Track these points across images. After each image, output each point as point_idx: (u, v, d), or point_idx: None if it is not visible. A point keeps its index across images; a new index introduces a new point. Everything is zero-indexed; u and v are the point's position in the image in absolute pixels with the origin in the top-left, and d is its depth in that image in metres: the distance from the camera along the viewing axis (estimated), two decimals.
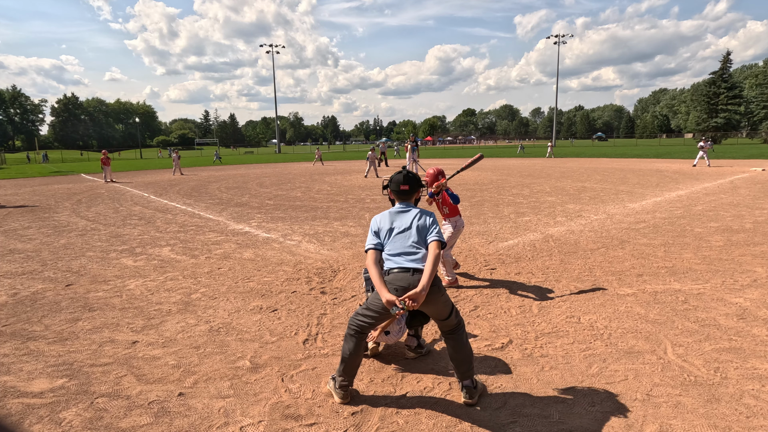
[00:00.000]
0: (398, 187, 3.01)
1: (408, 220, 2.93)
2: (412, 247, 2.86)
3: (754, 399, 2.82)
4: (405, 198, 3.03)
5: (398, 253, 2.85)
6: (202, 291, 5.14)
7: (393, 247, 2.88)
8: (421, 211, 2.99)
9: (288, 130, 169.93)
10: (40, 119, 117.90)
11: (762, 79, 78.63)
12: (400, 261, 2.82)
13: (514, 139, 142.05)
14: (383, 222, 2.97)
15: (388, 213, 3.01)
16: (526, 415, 2.72)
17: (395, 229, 2.92)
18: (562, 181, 16.74)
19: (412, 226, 2.91)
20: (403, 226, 2.92)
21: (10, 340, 3.90)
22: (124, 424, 2.70)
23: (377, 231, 2.96)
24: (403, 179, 3.00)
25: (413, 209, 3.00)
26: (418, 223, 2.92)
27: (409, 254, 2.84)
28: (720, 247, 6.62)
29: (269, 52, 66.89)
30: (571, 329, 3.93)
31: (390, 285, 2.76)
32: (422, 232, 2.90)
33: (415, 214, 2.95)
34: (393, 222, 2.95)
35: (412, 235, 2.89)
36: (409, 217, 2.95)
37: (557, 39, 66.26)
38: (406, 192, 3.01)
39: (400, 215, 2.97)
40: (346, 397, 2.90)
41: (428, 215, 2.98)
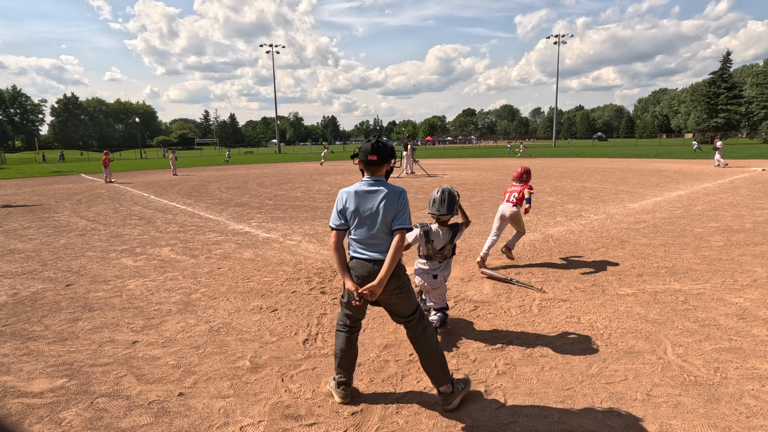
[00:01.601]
0: (366, 157, 2.71)
1: (375, 203, 2.68)
2: (376, 237, 2.69)
3: (754, 399, 2.82)
4: (374, 170, 2.74)
5: (361, 240, 2.71)
6: (202, 291, 5.14)
7: (357, 233, 2.72)
8: (391, 190, 2.70)
9: (288, 130, 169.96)
10: (40, 119, 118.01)
11: (762, 79, 78.61)
12: (362, 249, 2.70)
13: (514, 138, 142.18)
14: (349, 202, 2.72)
15: (355, 192, 2.72)
16: (526, 415, 2.72)
17: (361, 212, 2.69)
18: (562, 181, 16.74)
19: (379, 210, 2.67)
20: (369, 210, 2.68)
21: (10, 340, 3.90)
22: (124, 424, 2.70)
23: (342, 210, 2.74)
24: (371, 148, 2.70)
25: (382, 188, 2.70)
26: (386, 207, 2.67)
27: (372, 243, 2.69)
28: (720, 247, 6.62)
29: (269, 52, 66.89)
30: (571, 329, 3.93)
31: (352, 272, 2.70)
32: (387, 217, 2.67)
33: (383, 195, 2.68)
34: (359, 203, 2.70)
35: (378, 221, 2.67)
36: (376, 198, 2.68)
37: (557, 39, 66.25)
38: (374, 162, 2.71)
39: (367, 196, 2.70)
40: (346, 396, 2.88)
41: (398, 196, 2.71)
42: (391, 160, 2.79)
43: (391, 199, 2.69)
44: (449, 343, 3.71)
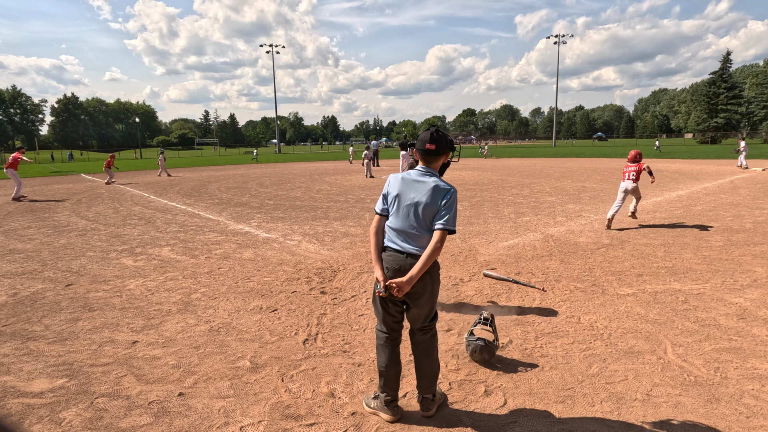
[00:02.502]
0: (423, 146, 2.55)
1: (420, 193, 2.52)
2: (414, 229, 2.53)
3: (754, 399, 2.82)
4: (429, 160, 2.57)
5: (398, 230, 2.56)
6: (202, 291, 5.14)
7: (395, 222, 2.57)
8: (438, 184, 2.53)
9: (288, 130, 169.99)
10: (40, 119, 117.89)
11: (762, 79, 78.64)
12: (398, 240, 2.55)
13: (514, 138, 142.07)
14: (393, 186, 2.60)
15: (402, 178, 2.59)
16: (526, 415, 2.72)
17: (402, 200, 2.55)
18: (562, 181, 16.74)
19: (422, 202, 2.50)
20: (412, 199, 2.53)
21: (10, 340, 3.90)
22: (124, 424, 2.70)
23: (386, 194, 2.63)
24: (429, 137, 2.54)
25: (431, 180, 2.54)
26: (429, 201, 2.50)
27: (409, 236, 2.53)
28: (720, 247, 6.62)
29: (269, 52, 66.90)
30: (571, 329, 3.93)
31: (384, 263, 2.55)
32: (429, 212, 2.51)
33: (430, 188, 2.51)
34: (403, 190, 2.56)
35: (419, 213, 2.51)
36: (422, 189, 2.52)
37: (557, 39, 66.27)
38: (432, 152, 2.54)
39: (414, 184, 2.55)
40: (396, 413, 2.69)
41: (446, 192, 2.53)
42: (448, 153, 2.63)
43: (437, 193, 2.51)
44: (449, 343, 3.71)
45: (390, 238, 2.58)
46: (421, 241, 2.52)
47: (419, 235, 2.52)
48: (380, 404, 2.72)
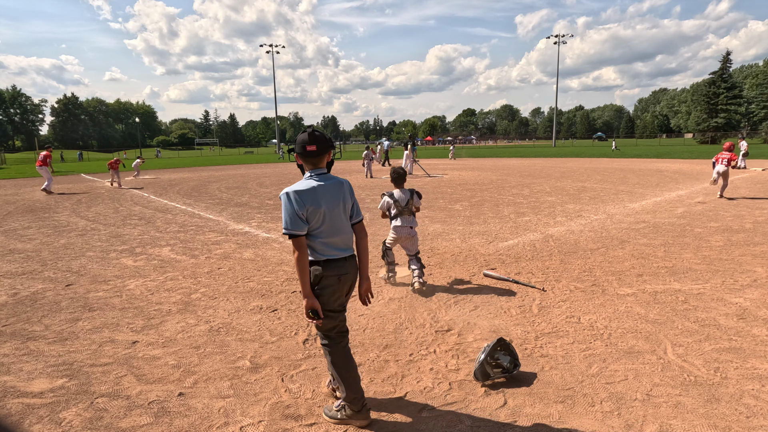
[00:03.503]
0: (304, 148, 2.49)
1: (339, 197, 2.55)
2: (347, 231, 2.59)
3: (754, 399, 2.82)
4: (315, 162, 2.53)
5: (333, 239, 2.52)
6: (202, 291, 5.14)
7: (327, 232, 2.51)
8: (344, 182, 2.63)
9: (288, 130, 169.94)
10: (40, 119, 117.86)
11: (762, 79, 78.65)
12: (337, 248, 2.54)
13: (514, 139, 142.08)
14: (309, 200, 2.45)
15: (313, 190, 2.48)
16: (526, 415, 2.72)
17: (328, 210, 2.50)
18: (562, 181, 16.74)
19: (344, 203, 2.57)
20: (334, 205, 2.52)
21: (10, 340, 3.90)
22: (124, 424, 2.70)
23: (303, 212, 2.44)
24: (308, 138, 2.49)
25: (334, 179, 2.58)
26: (347, 200, 2.58)
27: (345, 239, 2.58)
28: (720, 247, 6.62)
29: (269, 52, 66.94)
30: (571, 329, 3.93)
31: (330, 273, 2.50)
32: (347, 209, 2.59)
33: (342, 188, 2.58)
34: (323, 201, 2.48)
35: (345, 216, 2.58)
36: (338, 191, 2.55)
37: (557, 39, 66.27)
38: (314, 153, 2.49)
39: (326, 189, 2.51)
40: (369, 416, 2.67)
41: (350, 188, 2.64)
42: (331, 150, 2.61)
43: (348, 190, 2.62)
44: (448, 343, 3.71)
45: (323, 250, 2.51)
46: (350, 239, 2.62)
47: (350, 235, 2.62)
48: (350, 412, 2.64)
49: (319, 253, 2.51)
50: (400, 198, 5.01)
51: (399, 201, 5.00)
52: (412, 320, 4.21)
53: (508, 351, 3.17)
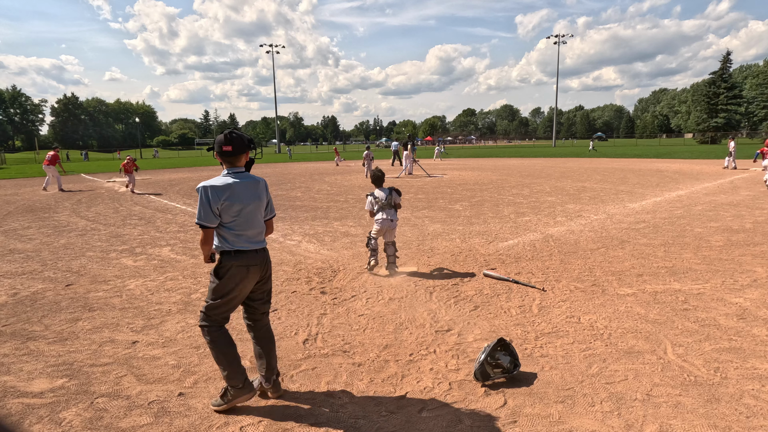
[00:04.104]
0: (221, 149, 2.69)
1: (255, 195, 2.78)
2: (260, 226, 2.85)
3: (754, 399, 2.82)
4: (232, 161, 2.73)
5: (247, 232, 2.76)
6: (202, 291, 5.14)
7: (242, 226, 2.73)
8: (261, 181, 2.86)
9: (288, 130, 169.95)
10: (40, 119, 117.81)
11: (762, 79, 78.66)
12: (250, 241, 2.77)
13: (514, 139, 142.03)
14: (224, 195, 2.65)
15: (230, 186, 2.68)
16: (526, 415, 2.72)
17: (244, 206, 2.72)
18: (562, 181, 16.74)
19: (260, 201, 2.81)
20: (251, 202, 2.75)
21: (10, 340, 3.90)
22: (124, 424, 2.70)
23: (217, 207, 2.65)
24: (224, 140, 2.67)
25: (251, 177, 2.80)
26: (263, 198, 2.84)
27: (259, 234, 2.83)
28: (720, 247, 6.62)
29: (269, 52, 66.89)
30: (571, 329, 3.93)
31: (240, 263, 2.71)
32: (263, 206, 2.85)
33: (259, 187, 2.82)
34: (240, 197, 2.70)
35: (260, 212, 2.83)
36: (255, 190, 2.78)
37: (558, 39, 66.27)
38: (230, 153, 2.69)
39: (241, 187, 2.72)
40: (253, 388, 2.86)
41: (266, 186, 2.90)
42: (248, 151, 2.78)
43: (263, 189, 2.87)
44: (448, 343, 3.71)
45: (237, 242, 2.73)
46: (263, 234, 2.89)
47: (263, 230, 2.89)
48: (234, 392, 2.77)
49: (230, 244, 2.73)
50: (380, 196, 5.69)
51: (379, 198, 5.67)
52: (412, 320, 4.21)
53: (508, 351, 3.17)
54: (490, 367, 3.08)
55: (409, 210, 10.68)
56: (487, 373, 3.06)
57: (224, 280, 2.71)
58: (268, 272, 2.91)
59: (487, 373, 3.06)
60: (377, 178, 5.81)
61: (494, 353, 3.12)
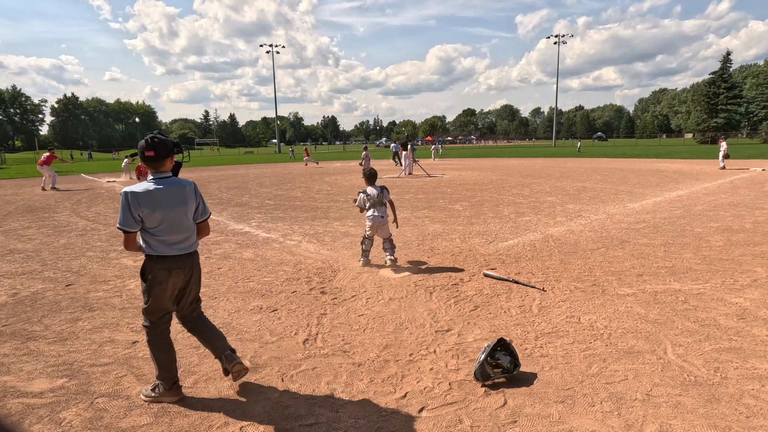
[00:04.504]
0: (143, 154, 2.70)
1: (181, 200, 2.80)
2: (189, 230, 2.88)
3: (754, 399, 2.82)
4: (156, 166, 2.75)
5: (174, 238, 2.79)
6: (202, 291, 5.13)
7: (168, 230, 2.76)
8: (189, 185, 2.87)
9: (288, 130, 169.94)
10: (40, 119, 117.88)
11: (762, 79, 78.57)
12: (179, 246, 2.82)
13: (514, 139, 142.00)
14: (144, 203, 2.67)
15: (152, 192, 2.70)
16: (526, 415, 2.72)
17: (169, 212, 2.74)
18: (562, 181, 16.74)
19: (187, 205, 2.83)
20: (171, 206, 2.75)
21: (10, 340, 3.90)
22: (124, 424, 2.70)
23: (137, 213, 2.68)
24: (146, 145, 2.68)
25: (177, 182, 2.80)
26: (191, 202, 2.85)
27: (188, 238, 2.87)
28: (720, 247, 6.62)
29: (269, 52, 66.90)
30: (571, 329, 3.93)
31: (169, 266, 2.78)
32: (192, 210, 2.88)
33: (186, 191, 2.83)
34: (164, 204, 2.73)
35: (188, 216, 2.86)
36: (175, 194, 2.78)
37: (558, 39, 66.26)
38: (152, 158, 2.71)
39: (164, 193, 2.73)
40: (181, 393, 2.94)
41: (195, 189, 2.91)
42: (172, 155, 2.80)
43: (191, 193, 2.87)
44: (448, 343, 3.71)
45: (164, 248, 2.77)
46: (194, 237, 2.93)
47: (192, 233, 2.92)
48: (162, 390, 2.90)
49: (153, 249, 2.76)
50: (372, 193, 5.95)
51: (371, 196, 5.93)
52: (412, 320, 4.21)
53: (508, 351, 3.17)
54: (490, 367, 3.08)
55: (409, 210, 10.68)
56: (487, 373, 3.06)
57: (149, 282, 2.79)
58: (195, 275, 2.98)
59: (487, 373, 3.06)
60: (371, 175, 6.08)
61: (494, 353, 3.12)
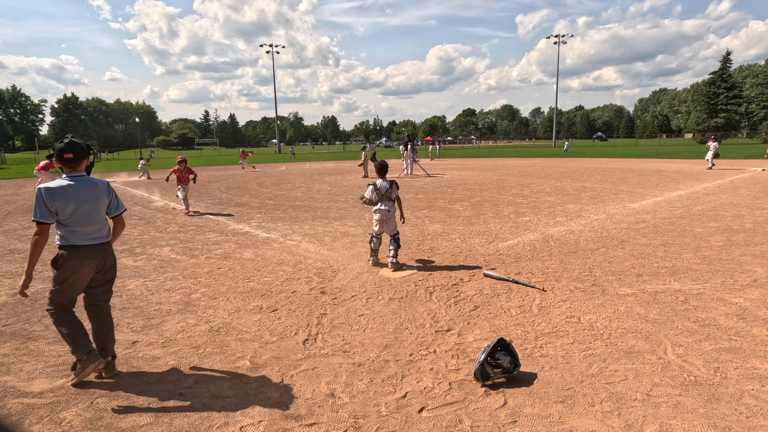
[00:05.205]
0: (62, 155, 3.01)
1: (93, 196, 3.09)
2: (101, 223, 3.15)
3: (754, 399, 2.82)
4: (73, 166, 3.07)
5: (87, 229, 3.07)
6: (202, 291, 5.14)
7: (80, 223, 3.03)
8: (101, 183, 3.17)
9: (288, 130, 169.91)
10: (40, 119, 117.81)
11: (762, 79, 78.57)
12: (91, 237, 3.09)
13: (514, 139, 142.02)
14: (58, 196, 2.97)
15: (66, 189, 3.00)
16: (526, 415, 2.72)
17: (81, 206, 3.02)
18: (562, 181, 16.74)
19: (99, 202, 3.13)
20: (89, 202, 3.06)
21: (10, 340, 3.90)
22: (124, 424, 2.70)
23: (52, 206, 2.96)
24: (65, 147, 3.00)
25: (89, 181, 3.12)
26: (103, 199, 3.14)
27: (99, 230, 3.14)
28: (720, 247, 6.62)
29: (269, 52, 66.90)
30: (571, 329, 3.93)
31: (80, 256, 3.02)
32: (104, 206, 3.16)
33: (97, 189, 3.13)
34: (76, 199, 3.01)
35: (100, 211, 3.15)
36: (87, 190, 3.07)
37: (558, 39, 66.24)
38: (71, 160, 3.04)
39: (77, 189, 3.03)
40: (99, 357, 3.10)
41: (108, 187, 3.21)
42: (88, 157, 3.14)
43: (103, 190, 3.17)
44: (448, 343, 3.72)
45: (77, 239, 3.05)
46: (105, 229, 3.19)
47: (104, 226, 3.19)
48: (82, 365, 3.06)
49: (65, 239, 3.04)
50: (381, 186, 5.93)
51: (380, 189, 5.92)
52: (412, 320, 4.21)
53: (508, 351, 3.17)
54: (490, 367, 3.08)
55: (409, 210, 10.68)
56: (487, 373, 3.06)
57: (60, 270, 3.05)
58: (108, 263, 3.21)
59: (487, 373, 3.06)
60: (383, 168, 6.03)
61: (494, 353, 3.12)
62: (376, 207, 5.93)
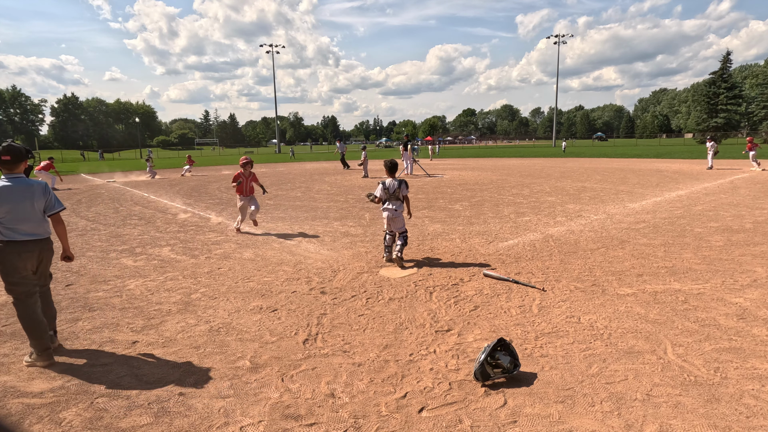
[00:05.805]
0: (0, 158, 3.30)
1: (30, 196, 3.37)
2: (38, 221, 3.44)
3: (754, 399, 2.82)
4: (11, 168, 3.36)
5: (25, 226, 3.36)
6: (202, 291, 5.14)
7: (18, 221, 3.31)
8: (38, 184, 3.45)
9: (288, 130, 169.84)
10: (40, 119, 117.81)
11: (762, 79, 78.59)
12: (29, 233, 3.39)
13: (515, 139, 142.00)
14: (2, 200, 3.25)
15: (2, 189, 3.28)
16: (526, 415, 2.72)
17: (18, 205, 3.31)
18: (562, 181, 16.74)
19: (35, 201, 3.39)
20: (18, 200, 3.31)
21: (10, 340, 3.90)
22: (124, 424, 2.70)
23: None
24: (2, 150, 3.31)
25: (26, 182, 3.39)
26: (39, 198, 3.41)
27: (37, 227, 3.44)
28: (720, 247, 6.62)
29: (269, 52, 66.88)
30: (571, 329, 3.93)
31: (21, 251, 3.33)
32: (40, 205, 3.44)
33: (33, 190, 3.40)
34: (12, 199, 3.29)
35: (37, 210, 3.42)
36: (22, 191, 3.35)
37: (558, 39, 66.23)
38: (8, 162, 3.33)
39: (13, 189, 3.32)
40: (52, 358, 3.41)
41: (44, 188, 3.46)
42: (25, 160, 3.44)
43: (39, 191, 3.44)
44: (448, 343, 3.71)
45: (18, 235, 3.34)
46: (42, 226, 3.49)
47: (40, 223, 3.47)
48: (35, 356, 3.37)
49: (3, 235, 3.32)
50: (390, 185, 5.96)
51: (389, 188, 5.95)
52: (412, 320, 4.21)
53: (508, 351, 3.17)
54: (490, 367, 3.08)
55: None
56: (487, 373, 3.06)
57: (2, 264, 3.34)
58: (45, 259, 3.56)
59: (487, 373, 3.07)
60: (393, 166, 6.07)
61: (494, 353, 3.12)
62: (383, 206, 6.01)
